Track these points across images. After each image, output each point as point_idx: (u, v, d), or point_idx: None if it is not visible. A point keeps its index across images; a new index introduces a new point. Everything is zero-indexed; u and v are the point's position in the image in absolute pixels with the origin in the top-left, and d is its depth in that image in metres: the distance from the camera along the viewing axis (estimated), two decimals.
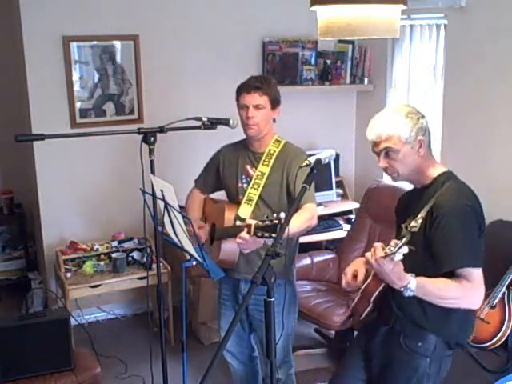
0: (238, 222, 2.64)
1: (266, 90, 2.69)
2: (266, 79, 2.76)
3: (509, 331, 3.04)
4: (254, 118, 2.68)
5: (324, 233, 4.33)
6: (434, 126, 4.19)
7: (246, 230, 2.35)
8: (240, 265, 2.76)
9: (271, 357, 1.89)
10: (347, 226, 4.37)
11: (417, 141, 2.16)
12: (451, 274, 2.08)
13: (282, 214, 2.17)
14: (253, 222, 2.31)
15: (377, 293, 2.22)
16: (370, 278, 2.25)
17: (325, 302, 3.72)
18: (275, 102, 2.73)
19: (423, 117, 2.21)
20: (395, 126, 2.15)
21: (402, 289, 2.06)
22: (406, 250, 1.96)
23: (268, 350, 1.89)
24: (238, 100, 2.75)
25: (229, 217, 2.70)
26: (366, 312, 2.27)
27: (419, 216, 2.13)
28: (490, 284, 3.19)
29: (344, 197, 4.73)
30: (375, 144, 2.21)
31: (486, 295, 3.16)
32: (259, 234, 2.24)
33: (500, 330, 3.04)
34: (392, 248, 1.98)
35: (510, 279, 3.12)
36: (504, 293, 3.12)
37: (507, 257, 3.20)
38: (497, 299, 3.12)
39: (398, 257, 1.97)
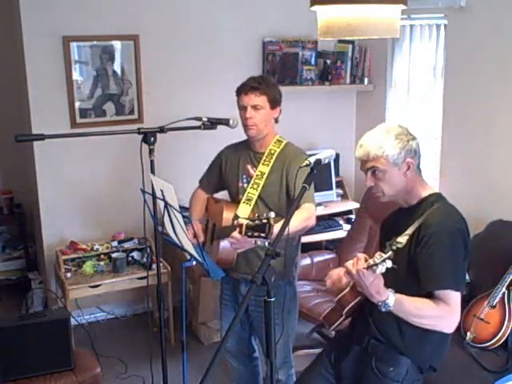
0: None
1: (264, 90, 2.69)
2: (265, 79, 2.76)
3: (509, 331, 3.04)
4: (253, 118, 2.68)
5: (324, 233, 4.33)
6: (433, 126, 4.21)
7: (237, 229, 2.36)
8: (240, 265, 2.76)
9: (271, 357, 1.89)
10: (347, 226, 4.37)
11: (405, 163, 2.16)
12: (431, 295, 2.08)
13: (272, 214, 2.18)
14: (244, 222, 2.32)
15: (351, 305, 2.23)
16: (347, 289, 2.25)
17: (325, 302, 3.72)
18: (274, 102, 2.72)
19: (414, 139, 2.20)
20: (383, 146, 2.14)
21: (380, 303, 2.06)
22: (389, 264, 1.95)
23: (268, 351, 1.89)
24: (237, 101, 2.75)
25: (227, 216, 2.70)
26: (337, 323, 2.28)
27: (406, 233, 2.13)
28: (490, 284, 3.20)
29: (344, 197, 4.74)
30: (362, 162, 2.21)
31: (486, 295, 3.17)
32: (249, 234, 2.25)
33: (500, 330, 3.04)
34: (376, 260, 1.97)
35: (510, 279, 3.12)
36: (504, 293, 3.12)
37: (507, 257, 3.20)
38: (497, 299, 3.12)
39: (381, 269, 1.95)
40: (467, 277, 3.42)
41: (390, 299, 2.05)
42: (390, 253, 1.97)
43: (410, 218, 2.18)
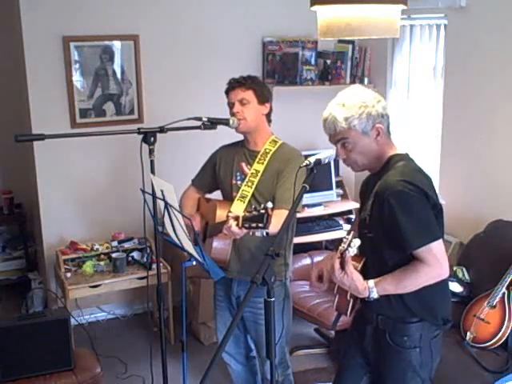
0: None
1: (250, 85, 2.72)
2: (250, 76, 2.80)
3: (509, 331, 3.04)
4: (240, 113, 2.71)
5: (324, 233, 4.33)
6: (433, 126, 4.21)
7: (234, 222, 2.34)
8: (231, 264, 2.76)
9: (271, 357, 1.89)
10: (347, 226, 4.37)
11: (374, 129, 2.10)
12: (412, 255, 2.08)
13: (269, 204, 2.18)
14: (241, 214, 2.32)
15: None
16: None
17: (325, 301, 3.72)
18: (262, 97, 2.74)
19: (379, 101, 2.12)
20: (349, 117, 2.07)
21: (366, 298, 2.11)
22: (358, 242, 1.98)
23: (268, 351, 1.89)
24: (227, 102, 2.79)
25: (220, 214, 2.70)
26: (349, 308, 2.28)
27: (368, 203, 2.13)
28: (490, 284, 3.20)
29: (344, 197, 4.73)
30: (330, 136, 2.15)
31: (486, 295, 3.17)
32: (246, 226, 2.24)
33: (500, 330, 3.04)
34: (344, 245, 2.00)
35: (510, 279, 3.12)
36: (504, 293, 3.12)
37: (507, 257, 3.20)
38: (497, 299, 3.12)
39: (352, 251, 1.99)
40: (467, 277, 3.44)
41: (373, 292, 2.09)
42: (352, 233, 2.02)
43: (375, 182, 2.14)
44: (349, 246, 2.00)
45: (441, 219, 2.14)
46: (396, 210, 2.02)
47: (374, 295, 2.10)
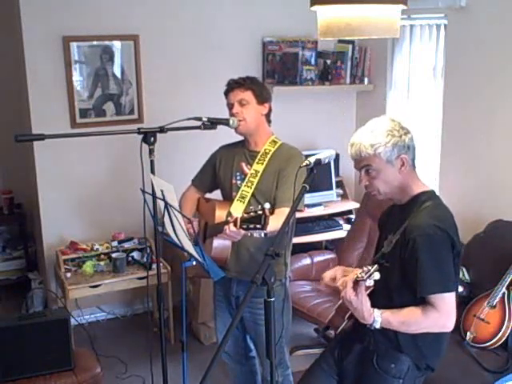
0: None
1: (249, 86, 2.72)
2: (249, 77, 2.79)
3: (509, 331, 3.04)
4: (240, 113, 2.71)
5: (324, 233, 4.34)
6: (433, 126, 4.21)
7: (232, 223, 2.35)
8: (230, 264, 2.76)
9: (271, 357, 1.89)
10: (347, 226, 4.37)
11: (399, 159, 2.12)
12: (423, 299, 2.09)
13: (267, 205, 2.19)
14: (239, 215, 2.32)
15: (350, 311, 2.22)
16: None
17: (325, 301, 3.72)
18: (261, 97, 2.74)
19: (407, 133, 2.14)
20: (375, 144, 2.10)
21: (368, 325, 2.11)
22: (377, 276, 1.98)
23: (267, 351, 1.89)
24: (226, 103, 2.79)
25: (219, 214, 2.70)
26: (341, 327, 2.32)
27: (394, 237, 2.14)
28: (490, 284, 3.20)
29: (344, 197, 4.73)
30: (355, 161, 2.17)
31: (486, 295, 3.17)
32: (244, 227, 2.24)
33: (500, 330, 3.04)
34: (363, 274, 2.00)
35: (510, 279, 3.12)
36: (504, 293, 3.12)
37: (507, 257, 3.20)
38: (497, 299, 3.12)
39: (369, 283, 2.00)
40: (467, 277, 3.43)
41: (376, 321, 2.09)
42: (375, 266, 2.00)
43: (402, 216, 2.16)
44: (368, 277, 1.99)
45: (457, 263, 2.15)
46: (420, 251, 2.04)
47: (377, 325, 2.09)
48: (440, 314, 2.05)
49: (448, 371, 2.76)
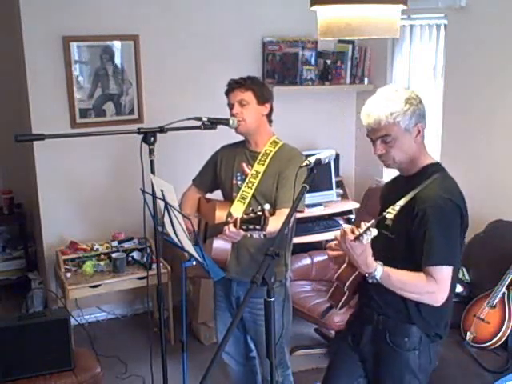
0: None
1: (249, 86, 2.71)
2: (250, 77, 2.78)
3: (509, 331, 3.04)
4: (240, 114, 2.70)
5: (324, 233, 4.33)
6: (433, 126, 4.20)
7: (232, 224, 2.35)
8: (230, 264, 2.76)
9: (271, 357, 1.89)
10: (347, 226, 4.36)
11: (416, 127, 2.11)
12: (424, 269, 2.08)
13: (267, 206, 2.19)
14: (239, 216, 2.32)
15: (350, 279, 2.22)
16: (344, 265, 2.25)
17: (325, 301, 3.71)
18: (262, 98, 2.73)
19: (421, 102, 2.14)
20: (394, 112, 2.07)
21: (367, 275, 2.08)
22: (375, 232, 1.96)
23: (267, 351, 1.89)
24: (227, 103, 2.79)
25: (220, 215, 2.70)
26: (342, 300, 2.27)
27: (398, 203, 2.12)
28: (490, 284, 3.20)
29: (344, 197, 4.73)
30: (372, 131, 2.14)
31: (487, 295, 3.17)
32: (244, 228, 2.24)
33: (500, 330, 3.04)
34: (360, 230, 1.99)
35: (510, 279, 3.12)
36: (504, 293, 3.12)
37: (507, 257, 3.20)
38: (497, 299, 3.12)
39: (367, 239, 1.97)
40: (467, 277, 3.44)
41: (378, 271, 2.06)
42: (372, 221, 1.99)
43: (408, 187, 2.15)
44: (365, 232, 1.97)
45: (463, 236, 2.17)
46: (430, 223, 2.04)
47: (377, 275, 2.07)
48: (438, 287, 2.06)
49: (448, 371, 2.77)
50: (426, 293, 2.08)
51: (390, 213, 2.11)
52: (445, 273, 2.06)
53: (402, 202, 2.12)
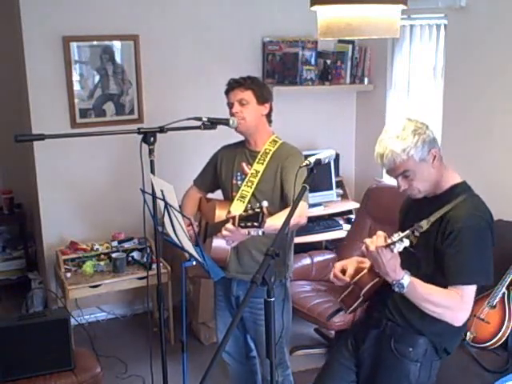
0: None
1: (249, 85, 2.72)
2: (250, 77, 2.79)
3: (509, 331, 3.04)
4: (239, 113, 2.71)
5: (324, 233, 4.34)
6: (434, 126, 4.20)
7: (230, 221, 2.36)
8: (231, 263, 2.76)
9: (271, 357, 1.89)
10: (347, 226, 4.37)
11: (430, 154, 2.14)
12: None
13: (265, 203, 2.19)
14: (237, 214, 2.32)
15: (368, 286, 2.21)
16: (365, 271, 2.25)
17: (325, 301, 3.72)
18: (261, 97, 2.74)
19: (428, 127, 2.17)
20: (406, 147, 2.10)
21: (395, 282, 2.06)
22: (407, 243, 1.97)
23: (267, 351, 1.89)
24: (227, 103, 2.79)
25: (219, 214, 2.70)
26: (354, 305, 2.26)
27: (428, 219, 2.12)
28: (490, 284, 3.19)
29: (344, 197, 4.73)
30: (390, 170, 2.18)
31: (487, 295, 3.17)
32: (242, 225, 2.24)
33: (500, 330, 3.04)
34: (393, 238, 1.99)
35: (510, 279, 3.12)
36: (504, 293, 3.12)
37: (507, 257, 3.20)
38: (497, 299, 3.12)
39: (398, 248, 1.97)
40: None
41: (405, 279, 2.05)
42: (407, 231, 1.99)
43: (434, 206, 2.17)
44: (398, 241, 1.98)
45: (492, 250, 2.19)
46: (465, 243, 2.08)
47: (405, 283, 2.05)
48: (462, 305, 2.08)
49: (448, 371, 2.76)
50: (449, 309, 2.09)
51: (421, 227, 2.09)
52: (470, 292, 2.09)
53: (432, 218, 2.13)
